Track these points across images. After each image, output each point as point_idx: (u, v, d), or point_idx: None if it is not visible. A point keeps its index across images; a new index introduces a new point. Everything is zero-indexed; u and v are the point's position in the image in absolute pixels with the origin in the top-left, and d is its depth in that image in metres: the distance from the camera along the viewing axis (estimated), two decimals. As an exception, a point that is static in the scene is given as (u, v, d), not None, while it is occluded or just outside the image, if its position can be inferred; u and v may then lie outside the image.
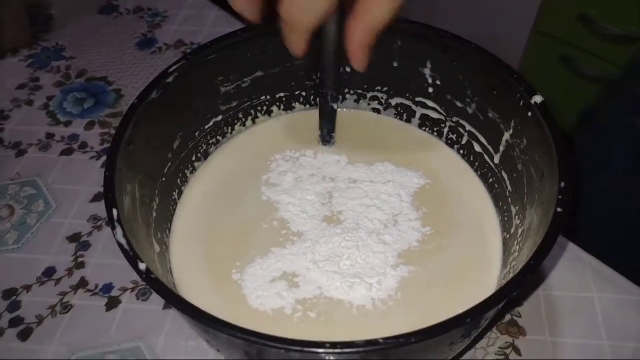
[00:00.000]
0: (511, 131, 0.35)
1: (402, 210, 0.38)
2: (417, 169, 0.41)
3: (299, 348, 0.24)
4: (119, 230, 0.27)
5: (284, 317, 0.33)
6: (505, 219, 0.37)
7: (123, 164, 0.30)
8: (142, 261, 0.26)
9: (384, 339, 0.23)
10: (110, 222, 0.27)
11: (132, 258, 0.26)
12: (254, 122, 0.44)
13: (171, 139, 0.37)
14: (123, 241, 0.27)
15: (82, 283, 0.43)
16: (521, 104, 0.33)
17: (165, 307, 0.41)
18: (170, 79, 0.35)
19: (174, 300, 0.26)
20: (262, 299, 0.34)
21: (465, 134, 0.40)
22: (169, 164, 0.37)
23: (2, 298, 0.42)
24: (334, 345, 0.23)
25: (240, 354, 0.29)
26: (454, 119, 0.40)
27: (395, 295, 0.34)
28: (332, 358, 0.27)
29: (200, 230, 0.38)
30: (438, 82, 0.40)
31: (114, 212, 0.28)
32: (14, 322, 0.41)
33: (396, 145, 0.43)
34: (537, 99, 0.32)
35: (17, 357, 0.39)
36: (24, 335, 0.40)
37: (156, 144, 0.35)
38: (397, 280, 0.34)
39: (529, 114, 0.33)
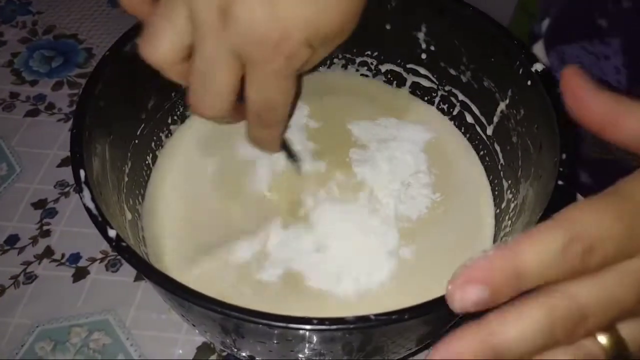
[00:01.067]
0: (507, 101, 0.33)
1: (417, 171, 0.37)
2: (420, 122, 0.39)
3: (283, 324, 0.22)
4: (86, 193, 0.25)
5: (262, 293, 0.32)
6: (497, 193, 0.36)
7: (92, 121, 0.28)
8: (112, 227, 0.24)
9: (375, 315, 0.22)
10: (78, 184, 0.25)
11: (101, 224, 0.24)
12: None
13: (145, 98, 0.34)
14: (91, 205, 0.24)
15: (48, 252, 0.40)
16: (520, 72, 0.31)
17: (136, 279, 0.39)
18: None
19: (146, 270, 0.23)
20: (241, 275, 0.32)
21: (458, 104, 0.38)
22: (143, 125, 0.34)
23: (-40, 266, 0.39)
24: (322, 321, 0.22)
25: (217, 330, 0.28)
26: (447, 88, 0.38)
27: (388, 282, 0.32)
28: (316, 337, 0.25)
29: (176, 199, 0.36)
30: (432, 48, 0.37)
31: (82, 173, 0.25)
32: (-27, 292, 0.38)
33: (390, 106, 0.41)
34: (538, 67, 0.30)
35: (-25, 329, 0.36)
36: (-16, 306, 0.37)
37: (128, 102, 0.33)
38: (390, 266, 0.33)
39: (529, 82, 0.31)
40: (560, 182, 0.25)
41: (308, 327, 0.22)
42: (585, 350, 0.20)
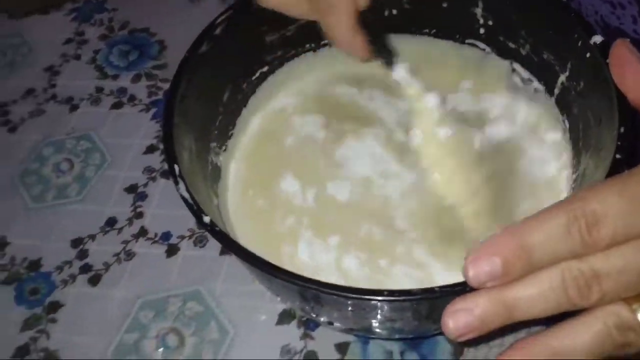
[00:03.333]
0: (567, 73, 0.34)
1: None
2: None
3: (357, 296, 0.25)
4: (181, 185, 0.28)
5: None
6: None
7: (179, 119, 0.31)
8: (206, 214, 0.27)
9: (440, 287, 0.24)
10: (173, 177, 0.28)
11: (197, 212, 0.27)
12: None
13: (221, 92, 0.38)
14: (186, 195, 0.28)
15: (143, 232, 0.45)
16: (579, 44, 0.32)
17: (221, 254, 0.43)
18: (217, 31, 0.35)
19: (237, 250, 0.27)
20: (315, 254, 0.35)
21: (519, 77, 0.39)
22: (220, 117, 0.38)
23: (71, 247, 0.45)
24: (391, 292, 0.24)
25: (297, 299, 0.31)
26: (507, 61, 0.39)
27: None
28: (385, 307, 0.27)
29: (253, 182, 0.39)
30: (490, 23, 0.38)
31: (176, 168, 0.29)
32: (84, 269, 0.44)
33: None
34: (597, 39, 0.31)
35: (90, 301, 0.42)
36: (94, 281, 0.43)
37: (207, 97, 0.36)
38: None
39: (587, 55, 0.31)
40: (618, 156, 0.26)
41: (379, 298, 0.25)
42: (617, 318, 0.21)
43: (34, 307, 0.42)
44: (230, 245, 0.27)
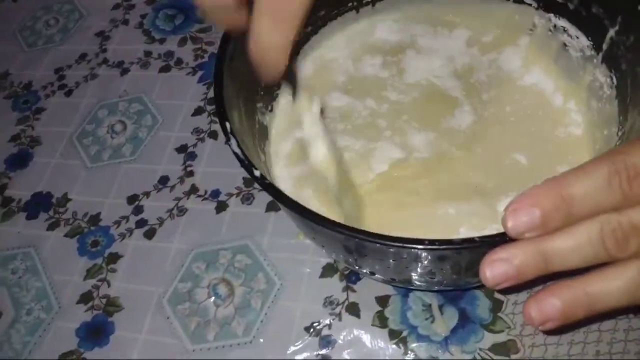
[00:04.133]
0: (617, 27, 0.33)
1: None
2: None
3: (398, 244, 0.26)
4: (233, 141, 0.30)
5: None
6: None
7: (228, 80, 0.33)
8: (256, 169, 0.29)
9: (479, 237, 0.25)
10: (225, 134, 0.30)
11: (248, 166, 0.29)
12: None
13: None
14: (238, 151, 0.29)
15: (193, 189, 0.48)
16: (630, -3, 0.31)
17: (267, 210, 0.45)
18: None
19: (286, 201, 0.28)
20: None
21: (565, 33, 0.38)
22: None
23: (127, 203, 0.48)
24: (432, 242, 0.25)
25: (341, 250, 0.33)
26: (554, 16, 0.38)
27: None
28: (427, 255, 0.29)
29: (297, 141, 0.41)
30: (537, -22, 0.38)
31: (228, 125, 0.30)
32: (140, 223, 0.47)
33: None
34: (650, -9, 0.30)
35: (146, 252, 0.45)
36: (149, 234, 0.46)
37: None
38: None
39: (638, 7, 0.31)
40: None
41: (420, 247, 0.26)
42: None
43: (95, 258, 0.45)
44: (279, 197, 0.28)
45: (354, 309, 0.40)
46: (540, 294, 0.23)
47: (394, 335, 0.38)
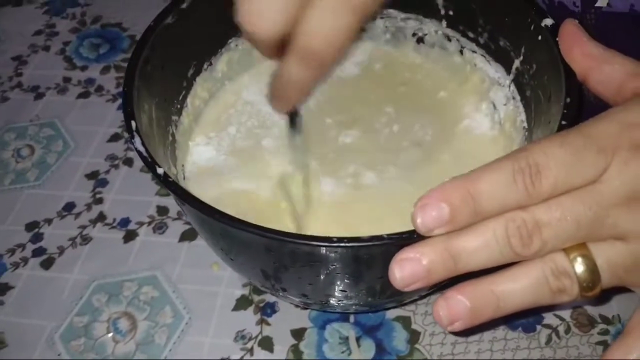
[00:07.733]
0: (521, 57, 0.35)
1: None
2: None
3: (307, 242, 0.25)
4: (137, 139, 0.28)
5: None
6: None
7: (140, 82, 0.31)
8: (160, 166, 0.27)
9: (387, 235, 0.24)
10: (129, 132, 0.28)
11: (151, 163, 0.27)
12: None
13: (185, 67, 0.38)
14: (142, 149, 0.28)
15: (101, 217, 0.44)
16: (532, 28, 0.33)
17: (180, 240, 0.43)
18: (184, 5, 0.35)
19: (190, 200, 0.26)
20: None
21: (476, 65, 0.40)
22: (184, 92, 0.38)
23: (25, 230, 0.44)
24: (340, 239, 0.24)
25: (254, 259, 0.31)
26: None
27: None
28: (335, 255, 0.27)
29: (216, 159, 0.39)
30: (450, 13, 0.39)
31: (133, 123, 0.29)
32: (37, 252, 0.43)
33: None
34: (548, 21, 0.32)
35: (41, 284, 0.41)
36: (47, 264, 0.42)
37: (171, 70, 0.36)
38: None
39: (539, 37, 0.32)
40: (564, 122, 0.27)
41: (328, 244, 0.24)
42: (553, 264, 0.22)
43: (-19, 290, 0.41)
44: (184, 197, 0.26)
45: (267, 344, 0.37)
46: (448, 292, 0.23)
47: (307, 370, 0.36)
